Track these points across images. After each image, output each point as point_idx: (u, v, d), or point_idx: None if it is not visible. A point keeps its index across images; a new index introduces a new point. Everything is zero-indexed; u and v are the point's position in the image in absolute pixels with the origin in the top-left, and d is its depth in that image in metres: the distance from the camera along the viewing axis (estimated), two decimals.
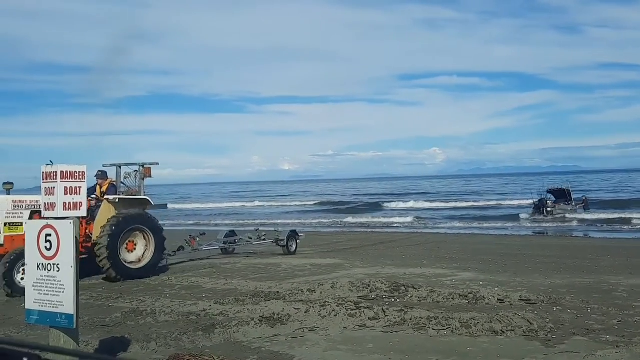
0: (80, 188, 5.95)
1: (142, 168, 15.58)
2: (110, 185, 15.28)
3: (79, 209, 5.93)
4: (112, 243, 14.00)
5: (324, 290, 11.69)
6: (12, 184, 13.66)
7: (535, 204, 38.82)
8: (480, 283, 12.91)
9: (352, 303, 10.38)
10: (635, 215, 38.54)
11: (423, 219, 42.41)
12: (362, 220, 43.13)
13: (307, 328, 9.12)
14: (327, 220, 43.82)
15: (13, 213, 13.20)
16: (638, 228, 31.23)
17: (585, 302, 10.60)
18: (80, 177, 5.95)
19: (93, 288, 13.26)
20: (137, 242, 14.92)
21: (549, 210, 37.14)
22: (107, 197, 14.76)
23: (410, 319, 9.33)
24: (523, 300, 10.72)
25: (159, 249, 15.22)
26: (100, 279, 14.42)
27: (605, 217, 37.55)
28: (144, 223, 15.01)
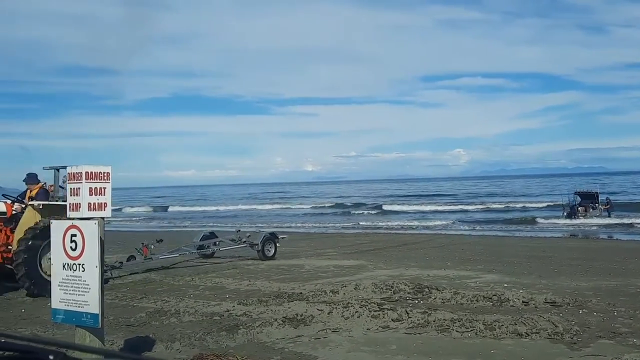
0: (105, 189, 6.02)
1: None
2: (41, 190, 13.48)
3: (104, 210, 6.00)
4: (30, 256, 11.99)
5: (347, 292, 11.67)
6: None
7: (567, 210, 38.29)
8: (505, 285, 12.79)
9: (375, 304, 10.35)
10: None
11: (447, 220, 42.19)
12: (384, 222, 43.03)
13: (330, 329, 9.12)
14: (348, 223, 43.81)
15: None
16: None
17: (612, 305, 10.45)
18: (105, 177, 6.01)
19: (117, 288, 13.39)
20: None
21: (581, 216, 36.67)
22: (31, 202, 13.01)
23: (434, 321, 9.27)
24: (548, 303, 10.59)
25: None
26: (125, 279, 14.57)
27: (631, 219, 36.96)
28: None
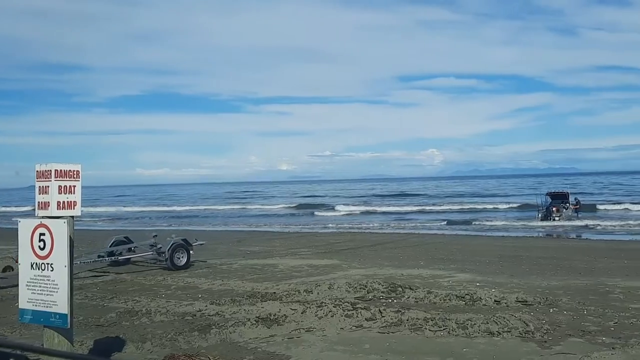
0: (75, 187, 5.91)
1: None
2: None
3: (74, 208, 5.89)
4: None
5: (321, 291, 11.67)
6: None
7: (542, 212, 38.75)
8: (477, 284, 12.90)
9: (349, 304, 10.37)
10: (632, 217, 38.71)
11: (421, 220, 42.48)
12: (358, 221, 43.15)
13: (303, 329, 9.10)
14: (322, 222, 43.83)
15: None
16: (634, 230, 31.23)
17: (582, 303, 10.61)
18: (75, 176, 5.90)
19: (87, 288, 13.21)
20: None
21: (556, 217, 37.16)
22: None
23: (407, 320, 9.32)
24: (520, 302, 10.72)
25: None
26: (96, 279, 14.37)
27: (601, 218, 37.64)
28: None
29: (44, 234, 5.78)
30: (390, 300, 10.98)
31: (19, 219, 6.20)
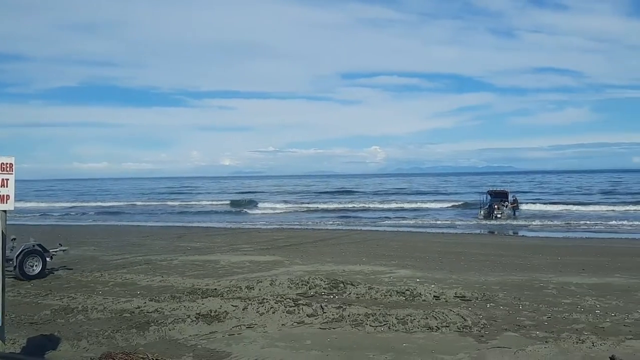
0: (8, 180, 5.70)
1: None
2: None
3: (6, 202, 5.68)
4: None
5: (263, 287, 11.63)
6: None
7: (484, 210, 39.62)
8: (417, 280, 13.12)
9: (290, 300, 10.38)
10: (566, 216, 40.14)
11: (363, 217, 42.87)
12: (300, 217, 43.22)
13: (244, 325, 9.05)
14: (263, 219, 43.64)
15: None
16: (569, 228, 32.39)
17: (517, 299, 10.93)
18: (8, 169, 5.70)
19: (20, 285, 12.77)
20: None
21: (498, 216, 38.08)
22: None
23: (349, 316, 9.39)
24: (458, 297, 10.96)
25: None
26: None
27: (536, 217, 38.90)
28: None
29: None
30: (332, 297, 11.04)
31: None
